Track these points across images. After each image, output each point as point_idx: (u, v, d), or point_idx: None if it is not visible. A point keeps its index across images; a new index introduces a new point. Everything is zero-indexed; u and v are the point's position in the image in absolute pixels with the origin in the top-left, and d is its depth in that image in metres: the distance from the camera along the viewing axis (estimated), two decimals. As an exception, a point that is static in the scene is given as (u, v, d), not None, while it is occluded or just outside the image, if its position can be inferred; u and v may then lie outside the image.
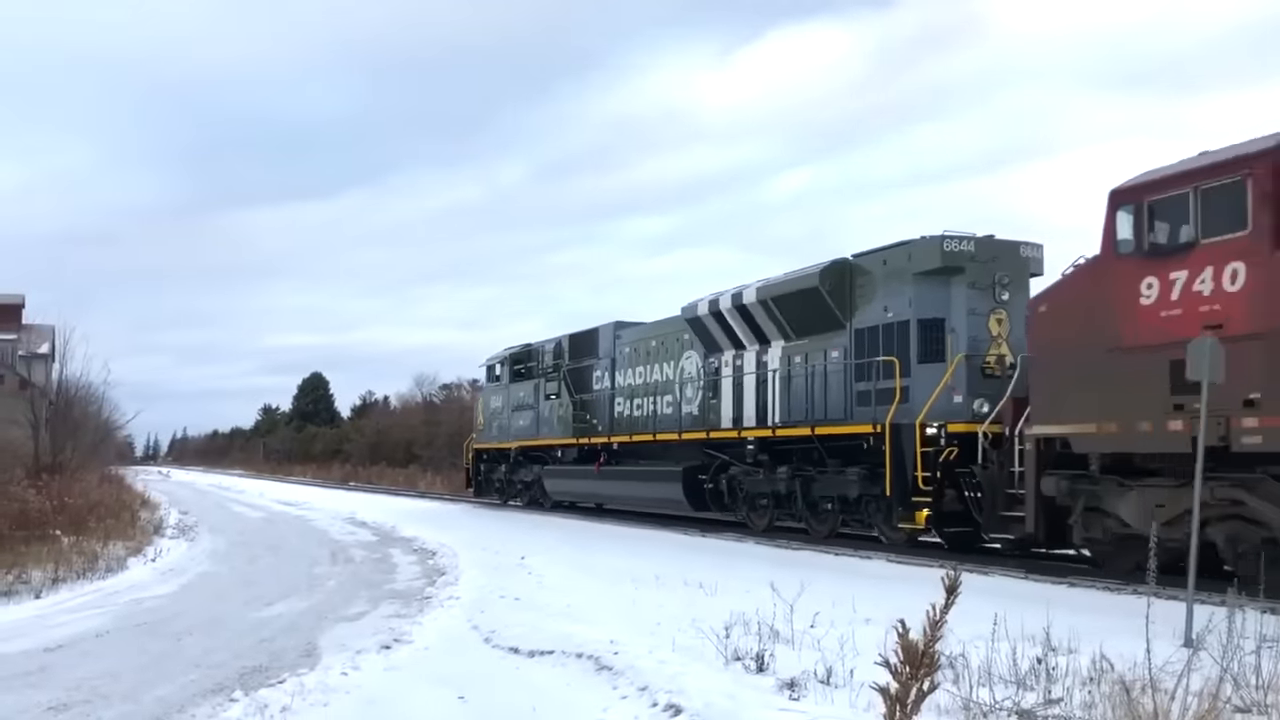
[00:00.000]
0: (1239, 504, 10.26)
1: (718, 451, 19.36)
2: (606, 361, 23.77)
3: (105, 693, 6.95)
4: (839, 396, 16.48)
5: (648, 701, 5.90)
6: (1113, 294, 11.27)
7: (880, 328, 15.76)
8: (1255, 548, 10.07)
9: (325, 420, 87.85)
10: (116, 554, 14.77)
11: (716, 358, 19.65)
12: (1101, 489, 11.62)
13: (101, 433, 33.62)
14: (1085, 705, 5.44)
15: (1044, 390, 12.33)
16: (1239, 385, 9.58)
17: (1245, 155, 10.22)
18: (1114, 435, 11.29)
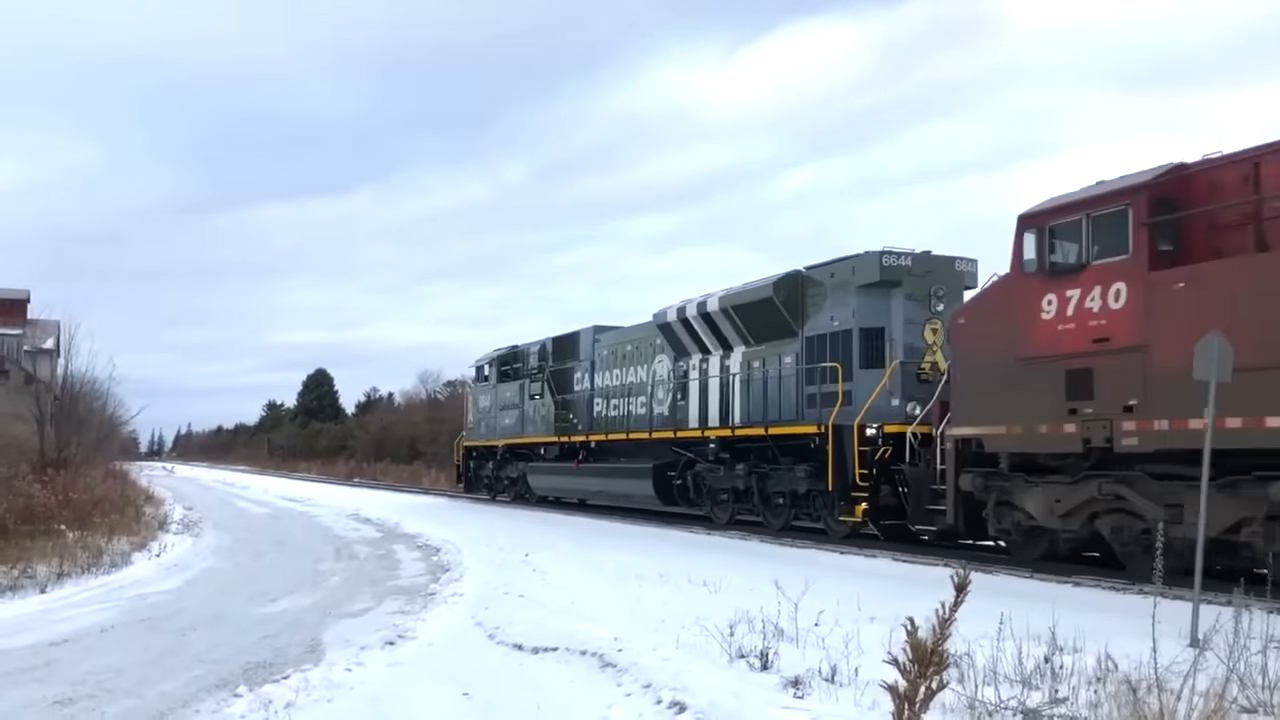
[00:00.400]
0: (1122, 499, 11.48)
1: (685, 450, 20.50)
2: (586, 364, 24.87)
3: (110, 687, 6.96)
4: (791, 399, 17.65)
5: (652, 699, 5.89)
6: (1019, 309, 12.42)
7: (828, 336, 16.95)
8: (1136, 537, 11.35)
9: (330, 417, 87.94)
10: (121, 549, 14.81)
11: (685, 361, 20.82)
12: (1010, 485, 12.78)
13: (106, 428, 33.73)
14: (1091, 705, 5.43)
15: (962, 395, 13.55)
16: (1120, 392, 11.13)
17: (1128, 187, 11.47)
18: (1019, 436, 12.49)
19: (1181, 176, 11.44)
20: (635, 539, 17.60)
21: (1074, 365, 11.59)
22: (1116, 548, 11.70)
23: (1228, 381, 8.56)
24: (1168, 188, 11.40)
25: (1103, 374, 11.45)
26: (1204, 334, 9.77)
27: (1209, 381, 8.40)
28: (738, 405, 19.04)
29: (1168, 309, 10.84)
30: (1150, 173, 11.49)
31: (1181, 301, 10.72)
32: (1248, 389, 9.87)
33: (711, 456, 19.56)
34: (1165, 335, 10.80)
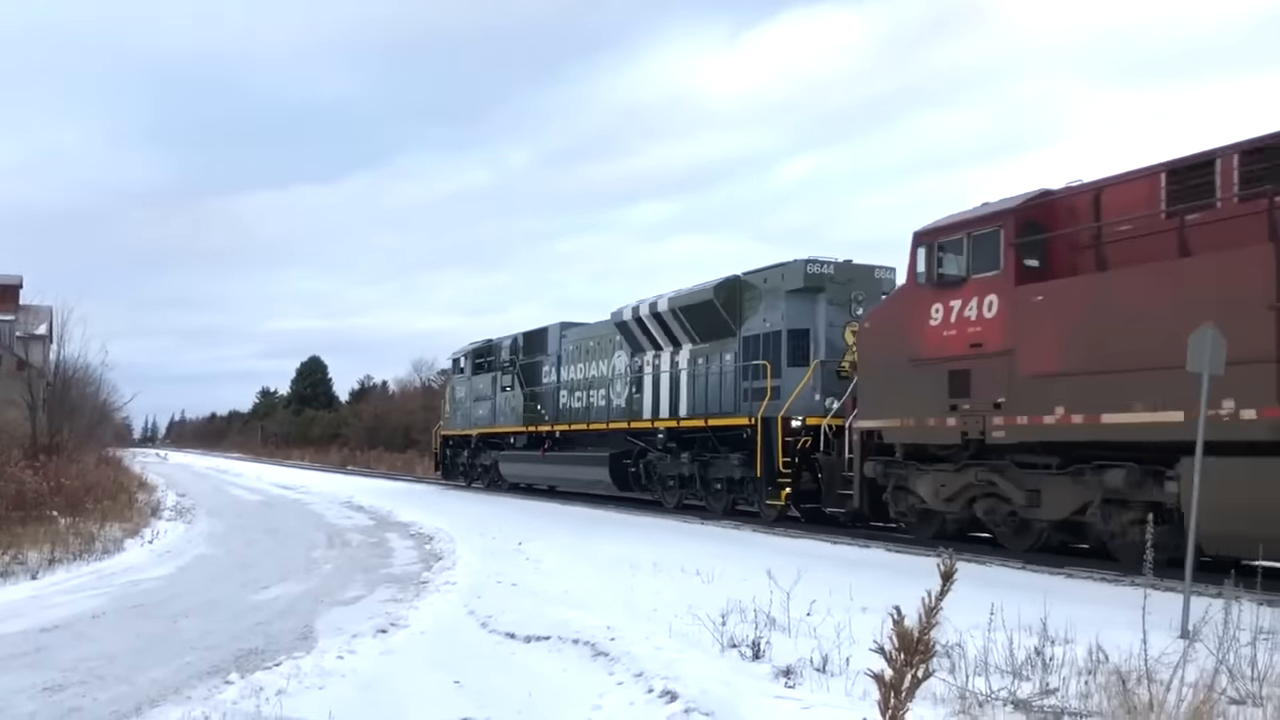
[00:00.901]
0: (993, 484, 13.08)
1: (638, 439, 22.13)
2: (553, 358, 26.48)
3: (101, 674, 6.95)
4: (729, 393, 19.34)
5: (643, 688, 5.90)
6: (912, 316, 14.02)
7: (761, 336, 18.62)
8: (1004, 518, 13.15)
9: (323, 404, 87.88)
10: (113, 536, 14.77)
11: (640, 357, 22.52)
12: (905, 472, 14.50)
13: (99, 414, 33.64)
14: (1081, 696, 5.45)
15: (866, 391, 15.27)
16: (991, 391, 12.74)
17: (1000, 210, 13.06)
18: (911, 429, 14.08)
19: (1046, 202, 12.92)
20: (629, 528, 17.62)
21: (955, 367, 13.28)
22: (990, 528, 13.49)
23: (1220, 374, 8.58)
24: (1034, 212, 12.89)
25: (977, 375, 13.00)
26: (1054, 342, 12.04)
27: (1202, 373, 8.39)
28: (684, 398, 20.68)
29: (1029, 319, 12.34)
30: (1020, 198, 13.06)
31: (1040, 312, 12.21)
32: (1088, 391, 11.47)
33: (660, 446, 21.30)
34: (1027, 342, 12.35)
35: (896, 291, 15.38)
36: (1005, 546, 13.07)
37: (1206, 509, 9.53)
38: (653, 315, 21.56)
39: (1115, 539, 11.75)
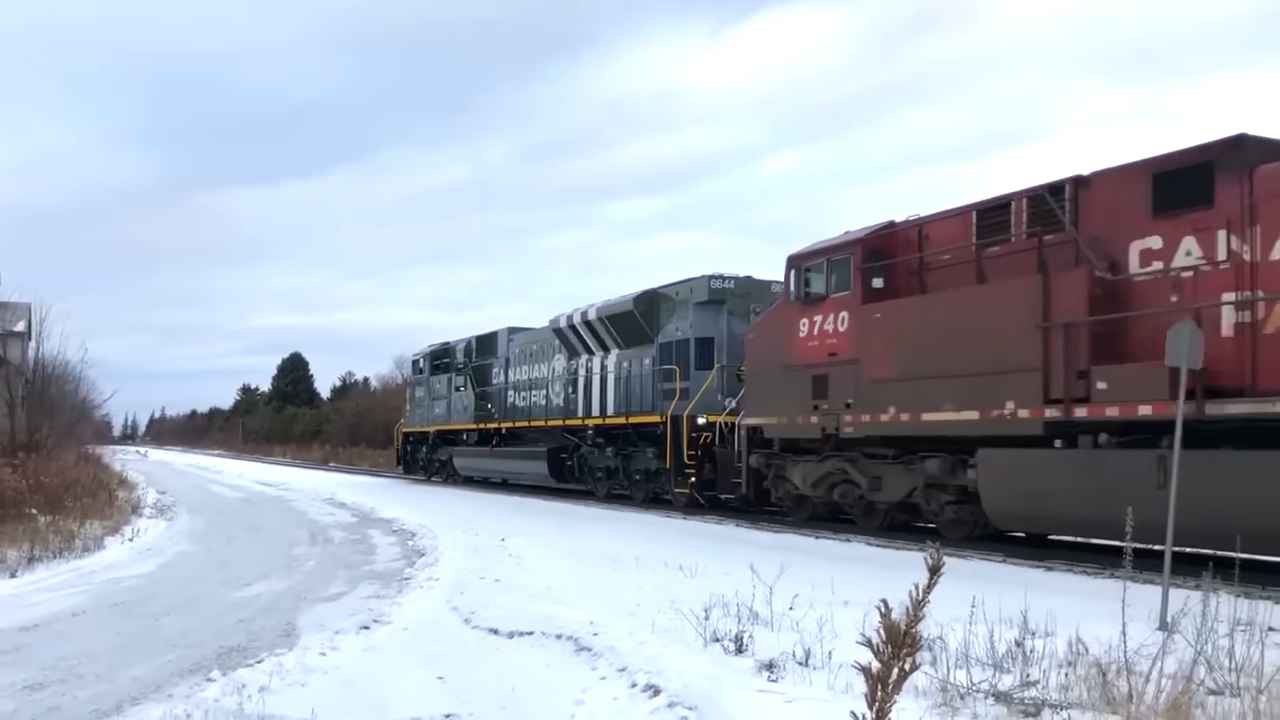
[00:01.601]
0: (846, 472, 15.39)
1: (573, 435, 24.42)
2: (502, 360, 28.65)
3: (81, 672, 6.91)
4: (647, 394, 21.46)
5: (627, 682, 5.91)
6: (785, 329, 16.20)
7: (674, 343, 20.85)
8: (856, 501, 15.42)
9: (305, 401, 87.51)
10: (93, 533, 14.68)
11: (575, 361, 24.72)
12: (782, 463, 16.81)
13: (78, 411, 33.43)
14: (1061, 688, 5.49)
15: (751, 393, 17.42)
16: (843, 394, 14.95)
17: (852, 240, 15.29)
18: (785, 425, 16.31)
19: (889, 233, 15.03)
20: (612, 523, 17.63)
21: (816, 373, 15.49)
22: (846, 509, 15.80)
23: (1198, 368, 8.67)
24: (878, 241, 14.96)
25: (833, 380, 15.18)
26: (888, 352, 14.11)
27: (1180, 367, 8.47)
28: (610, 398, 22.92)
29: (871, 332, 14.53)
30: (868, 229, 15.21)
31: (878, 327, 14.42)
32: (913, 394, 13.62)
33: (590, 441, 23.65)
34: (869, 352, 14.49)
35: (774, 306, 17.48)
36: (859, 525, 15.45)
37: (994, 491, 12.57)
38: (584, 323, 23.89)
39: (937, 516, 14.07)
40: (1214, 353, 10.23)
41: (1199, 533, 10.01)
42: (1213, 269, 10.87)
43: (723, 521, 17.49)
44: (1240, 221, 10.63)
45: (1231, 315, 10.65)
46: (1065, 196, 12.42)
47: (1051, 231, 12.38)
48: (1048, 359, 11.86)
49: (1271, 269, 10.34)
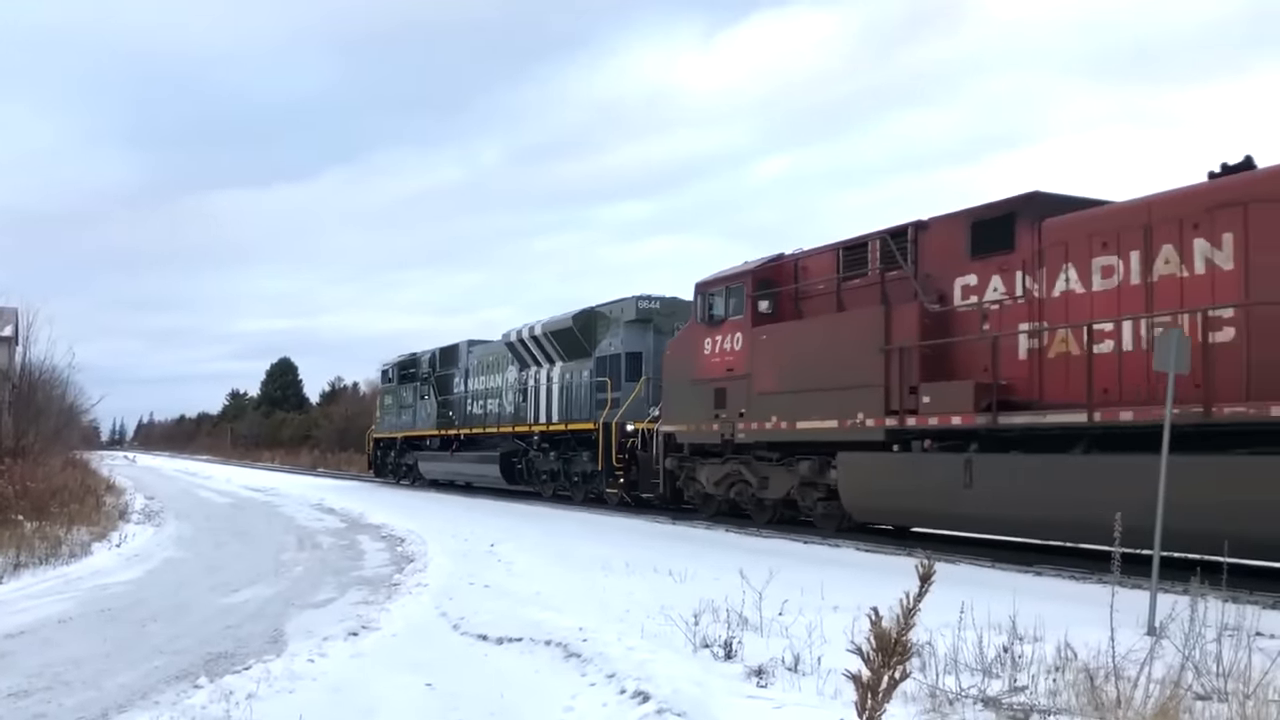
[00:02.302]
0: (741, 473, 17.53)
1: (522, 441, 26.49)
2: (462, 370, 30.93)
3: (68, 679, 6.87)
4: (585, 403, 23.46)
5: (616, 689, 5.90)
6: (693, 347, 18.41)
7: (608, 357, 22.99)
8: (750, 498, 17.52)
9: (294, 406, 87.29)
10: (80, 539, 14.60)
11: (525, 372, 26.82)
12: (692, 465, 18.93)
13: (65, 417, 33.19)
14: (1050, 693, 5.49)
15: (666, 403, 19.72)
16: (738, 404, 17.07)
17: (745, 270, 17.49)
18: (693, 432, 18.48)
19: (776, 264, 17.20)
20: (602, 529, 17.64)
21: (717, 385, 17.64)
22: (741, 505, 17.92)
23: (1185, 373, 8.70)
24: (767, 271, 17.20)
25: (730, 392, 17.31)
26: (772, 369, 16.21)
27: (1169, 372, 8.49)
28: (555, 407, 25.04)
29: (759, 351, 16.68)
30: (759, 261, 17.43)
31: (764, 347, 16.59)
32: (790, 405, 15.78)
33: (536, 446, 25.81)
34: (758, 368, 16.65)
35: (686, 326, 19.57)
36: (753, 519, 17.51)
37: (849, 488, 14.84)
38: (532, 338, 26.08)
39: (811, 511, 16.17)
40: (1011, 373, 12.71)
41: (999, 522, 12.89)
42: (1013, 303, 13.04)
43: (712, 527, 17.53)
44: (1032, 263, 12.77)
45: (1025, 342, 12.77)
46: (907, 239, 14.50)
47: (894, 269, 14.64)
48: (888, 377, 14.08)
49: (1053, 304, 12.48)
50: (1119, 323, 11.65)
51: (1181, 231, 11.16)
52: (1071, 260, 12.30)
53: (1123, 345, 11.65)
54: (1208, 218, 10.91)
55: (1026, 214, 12.87)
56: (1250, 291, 10.40)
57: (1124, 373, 11.54)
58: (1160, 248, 11.36)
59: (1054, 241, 12.50)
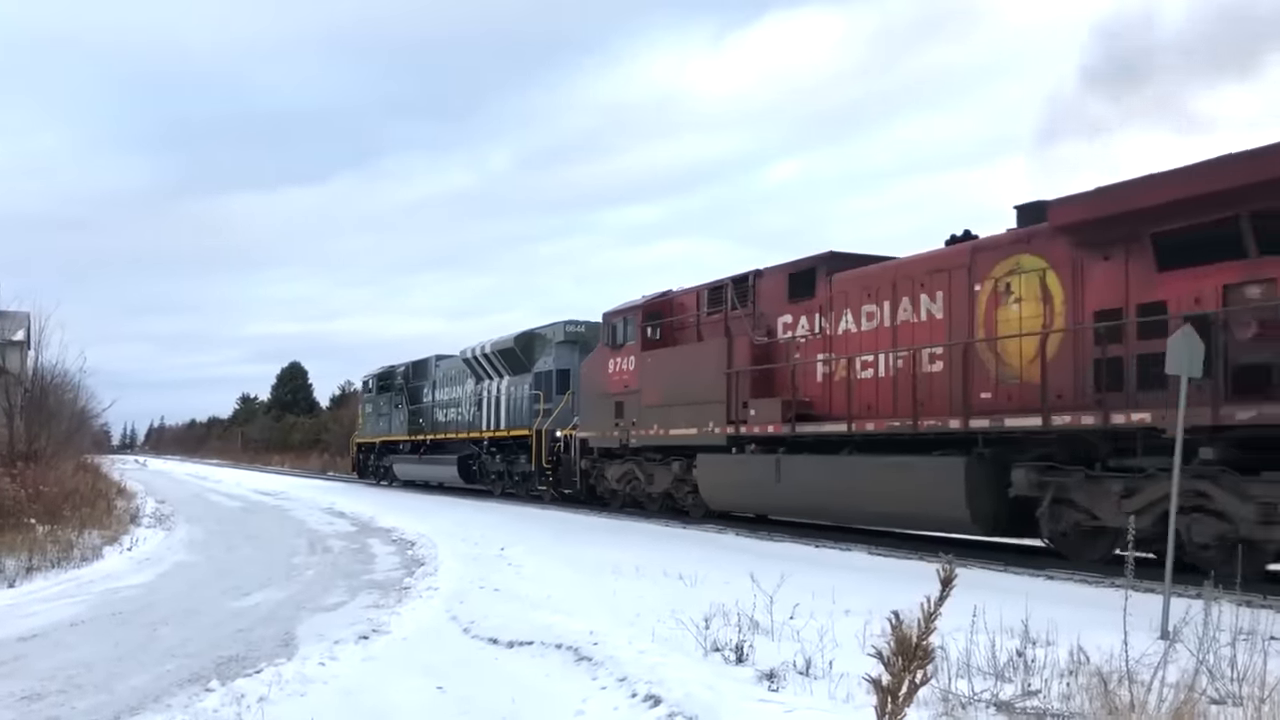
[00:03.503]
0: (635, 472, 21.20)
1: (476, 445, 29.93)
2: (431, 382, 34.42)
3: (80, 682, 6.89)
4: (524, 413, 26.85)
5: (627, 692, 5.89)
6: (601, 366, 21.82)
7: (543, 373, 26.40)
8: (644, 492, 20.96)
9: (304, 410, 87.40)
10: (92, 543, 14.66)
11: (480, 385, 30.08)
12: (601, 465, 22.36)
13: (77, 421, 33.28)
14: (1063, 697, 5.47)
15: (581, 412, 23.21)
16: (632, 415, 20.38)
17: (638, 304, 20.93)
18: (600, 437, 21.90)
19: (662, 299, 20.71)
20: (611, 532, 17.62)
21: (617, 399, 21.02)
22: (636, 498, 21.36)
23: (1198, 376, 8.67)
24: (655, 305, 20.71)
25: (626, 405, 20.67)
26: (654, 386, 19.76)
27: (1180, 376, 8.45)
28: (502, 416, 28.39)
29: (646, 371, 20.12)
30: (649, 296, 20.91)
31: (650, 368, 20.05)
32: (666, 416, 19.33)
33: (486, 450, 29.31)
34: (645, 385, 20.08)
35: (597, 349, 22.67)
36: (645, 510, 20.90)
37: (704, 484, 18.51)
38: (484, 355, 29.42)
39: (684, 502, 19.74)
40: (811, 392, 16.35)
41: (799, 507, 16.72)
42: (813, 338, 16.51)
43: (723, 531, 17.51)
44: (826, 308, 16.22)
45: (820, 368, 16.19)
46: (749, 284, 17.97)
47: (738, 309, 18.09)
48: (729, 394, 17.63)
49: (838, 339, 15.92)
50: (876, 355, 15.09)
51: (914, 288, 14.60)
52: (849, 306, 15.73)
53: (879, 372, 15.07)
54: (929, 279, 14.36)
55: (824, 269, 16.30)
56: (951, 335, 13.84)
57: (879, 393, 14.96)
58: (901, 299, 14.78)
59: (839, 291, 15.94)
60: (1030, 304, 12.90)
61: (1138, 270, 11.55)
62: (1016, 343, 12.98)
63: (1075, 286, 12.37)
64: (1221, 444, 10.44)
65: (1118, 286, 11.82)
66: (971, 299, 13.62)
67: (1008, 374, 13.08)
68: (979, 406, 13.15)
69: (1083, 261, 12.27)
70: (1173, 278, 11.10)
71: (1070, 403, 12.06)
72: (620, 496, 22.05)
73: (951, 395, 13.47)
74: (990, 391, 13.20)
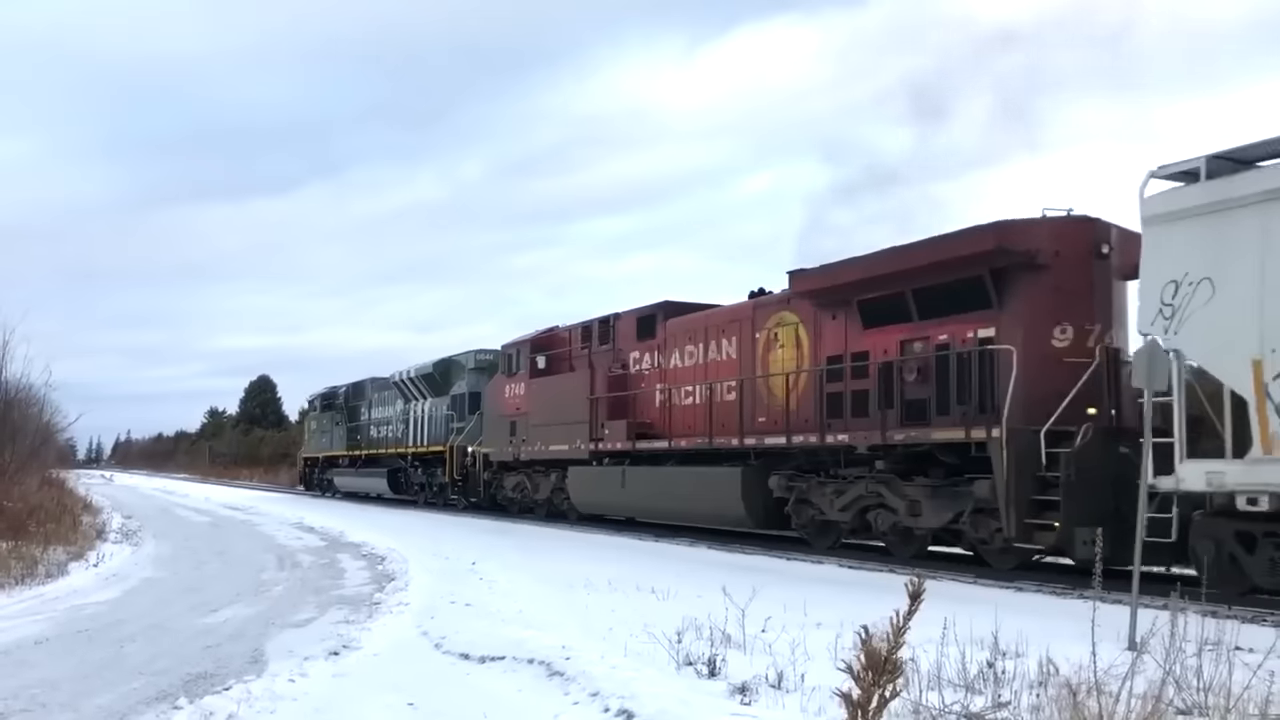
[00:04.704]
0: (525, 481, 24.99)
1: (403, 460, 33.23)
2: (367, 402, 37.80)
3: (44, 701, 6.80)
4: (442, 431, 30.22)
5: (599, 707, 5.88)
6: (500, 391, 25.64)
7: (459, 396, 29.65)
8: (532, 498, 24.81)
9: (273, 423, 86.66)
10: (57, 559, 14.46)
11: (407, 405, 33.42)
12: (500, 477, 26.22)
13: (42, 436, 32.87)
14: (1033, 708, 5.51)
15: (487, 430, 26.75)
16: (522, 434, 24.11)
17: (526, 339, 24.77)
18: (499, 452, 25.63)
19: (547, 334, 24.33)
20: (583, 546, 17.59)
21: (511, 420, 24.79)
22: (524, 504, 25.27)
23: (1162, 389, 8.80)
24: (542, 339, 24.30)
25: (518, 425, 24.38)
26: (538, 409, 23.41)
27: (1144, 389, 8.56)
28: (424, 433, 31.70)
29: (532, 396, 23.83)
30: (539, 331, 24.69)
31: (535, 393, 23.70)
32: (545, 434, 22.95)
33: (411, 464, 32.60)
34: (531, 408, 23.70)
35: (496, 375, 26.33)
36: (534, 514, 24.63)
37: (574, 491, 22.16)
38: (410, 379, 32.98)
39: (561, 507, 23.21)
40: (651, 416, 19.99)
41: (641, 509, 20.56)
42: (653, 370, 20.29)
43: (695, 545, 17.53)
44: (662, 346, 19.99)
45: (658, 396, 19.90)
46: (610, 325, 21.76)
47: (602, 344, 21.89)
48: (591, 417, 21.13)
49: (670, 372, 19.68)
50: (693, 386, 18.82)
51: (719, 334, 18.41)
52: (678, 346, 19.55)
53: (695, 400, 18.72)
54: (728, 326, 18.27)
55: (662, 314, 20.15)
56: (740, 372, 17.56)
57: (694, 416, 18.63)
58: (711, 342, 18.58)
59: (671, 334, 19.81)
60: (789, 350, 16.66)
61: (851, 327, 15.25)
62: (780, 379, 16.59)
63: (815, 338, 16.04)
64: (890, 458, 14.07)
65: (840, 339, 15.51)
66: (754, 344, 17.43)
67: (774, 403, 16.67)
68: (754, 428, 16.81)
69: (819, 319, 15.98)
70: (872, 334, 14.85)
71: (806, 427, 15.66)
72: (516, 503, 25.73)
73: (741, 419, 17.10)
74: (765, 416, 16.81)
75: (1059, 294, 12.77)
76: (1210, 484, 10.14)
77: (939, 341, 13.74)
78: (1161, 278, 10.64)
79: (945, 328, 13.68)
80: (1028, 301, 12.93)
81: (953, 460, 13.16)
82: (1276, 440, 9.68)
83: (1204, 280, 10.21)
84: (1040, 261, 12.80)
